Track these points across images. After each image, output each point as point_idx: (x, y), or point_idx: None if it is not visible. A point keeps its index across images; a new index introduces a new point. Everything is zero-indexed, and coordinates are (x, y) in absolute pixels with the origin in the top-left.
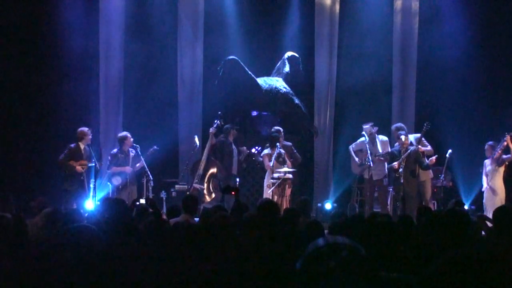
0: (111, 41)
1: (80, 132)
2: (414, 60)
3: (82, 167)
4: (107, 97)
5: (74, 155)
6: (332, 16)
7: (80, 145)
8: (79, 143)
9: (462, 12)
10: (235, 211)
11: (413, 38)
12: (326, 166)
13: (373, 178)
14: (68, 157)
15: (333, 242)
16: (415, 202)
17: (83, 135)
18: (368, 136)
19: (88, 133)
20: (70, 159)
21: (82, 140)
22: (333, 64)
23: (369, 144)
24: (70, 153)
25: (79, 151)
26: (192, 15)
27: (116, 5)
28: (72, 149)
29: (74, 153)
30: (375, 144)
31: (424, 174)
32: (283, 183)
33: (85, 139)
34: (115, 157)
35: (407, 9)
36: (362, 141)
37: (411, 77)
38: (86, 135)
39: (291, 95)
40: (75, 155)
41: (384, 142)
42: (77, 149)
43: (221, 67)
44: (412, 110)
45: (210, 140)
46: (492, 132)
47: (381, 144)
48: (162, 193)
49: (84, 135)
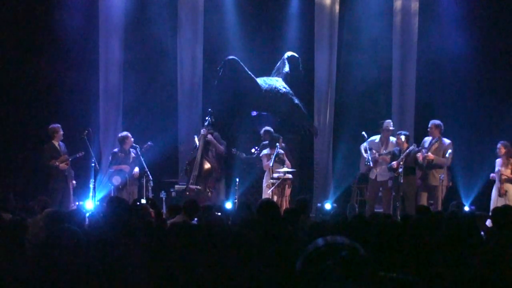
0: (111, 41)
1: (51, 129)
2: (414, 60)
3: (66, 163)
4: (107, 97)
5: (53, 153)
6: (332, 16)
7: (54, 143)
8: (52, 141)
9: (461, 12)
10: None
11: (413, 38)
12: (326, 166)
13: (377, 179)
14: (48, 157)
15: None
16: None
17: (54, 131)
18: (383, 133)
19: (59, 130)
20: (51, 158)
21: (55, 138)
22: (332, 64)
23: (379, 142)
24: (48, 152)
25: (55, 148)
26: (192, 15)
27: (116, 5)
28: (48, 148)
29: (51, 152)
30: (386, 144)
31: (435, 179)
32: (283, 183)
33: (57, 136)
34: (115, 156)
35: (407, 9)
36: (373, 139)
37: (411, 77)
38: (57, 132)
39: (291, 95)
40: (53, 153)
41: (395, 143)
42: (52, 147)
43: (221, 67)
44: (412, 110)
45: (202, 141)
46: (492, 132)
47: (392, 145)
48: (162, 193)
49: (55, 132)
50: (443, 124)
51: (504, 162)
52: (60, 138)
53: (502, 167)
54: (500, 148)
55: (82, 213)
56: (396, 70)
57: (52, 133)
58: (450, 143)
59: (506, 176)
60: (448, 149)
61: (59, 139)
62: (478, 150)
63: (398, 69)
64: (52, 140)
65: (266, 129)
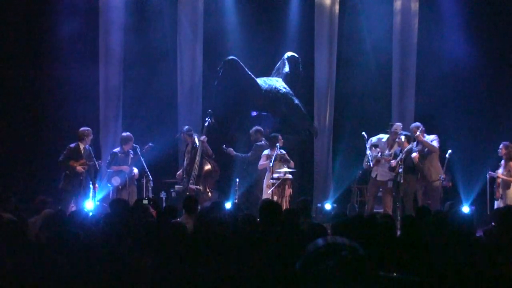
0: (111, 41)
1: (81, 132)
2: (414, 60)
3: (83, 167)
4: (107, 97)
5: (74, 155)
6: (332, 17)
7: (80, 145)
8: (79, 143)
9: (461, 13)
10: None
11: (412, 39)
12: (326, 167)
13: (377, 178)
14: (68, 157)
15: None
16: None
17: (84, 135)
18: (391, 135)
19: (90, 134)
20: (70, 159)
21: (83, 141)
22: (332, 64)
23: (386, 143)
24: (70, 153)
25: (79, 151)
26: (192, 15)
27: (116, 5)
28: (71, 149)
29: (73, 153)
30: (391, 146)
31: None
32: (283, 184)
33: (86, 139)
34: (115, 156)
35: (406, 9)
36: (381, 138)
37: (411, 78)
38: (87, 136)
39: (291, 95)
40: (75, 155)
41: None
42: (76, 149)
43: (220, 67)
44: (411, 110)
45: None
46: (492, 132)
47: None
48: (162, 193)
49: (85, 135)
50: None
51: (504, 164)
52: (88, 142)
53: (500, 169)
54: (501, 149)
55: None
56: (396, 70)
57: (81, 135)
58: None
59: (502, 178)
60: (433, 140)
61: (87, 143)
62: (478, 151)
63: (398, 70)
64: (79, 142)
65: (257, 128)
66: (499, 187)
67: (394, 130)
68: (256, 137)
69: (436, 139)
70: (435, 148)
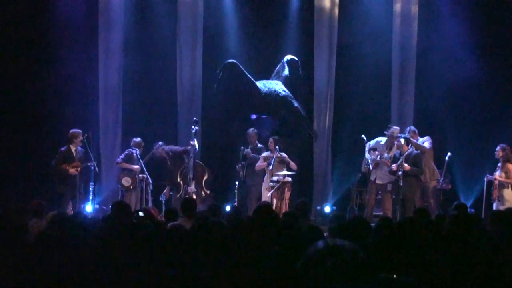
0: (111, 43)
1: (71, 134)
2: (413, 63)
3: (76, 169)
4: (107, 100)
5: (66, 158)
6: (332, 20)
7: (71, 148)
8: (70, 146)
9: (461, 16)
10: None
11: (412, 42)
12: (325, 169)
13: (376, 181)
14: (61, 161)
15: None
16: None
17: (73, 137)
18: (388, 138)
19: (79, 135)
20: (63, 162)
21: (73, 143)
22: (332, 67)
23: (384, 145)
24: (61, 157)
25: (70, 153)
26: (191, 19)
27: (116, 7)
28: (62, 152)
29: (65, 156)
30: (389, 148)
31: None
32: (282, 186)
33: (76, 141)
34: (131, 156)
35: (406, 13)
36: (379, 141)
37: (410, 81)
38: (77, 137)
39: (291, 98)
40: (67, 158)
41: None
42: (68, 152)
43: (220, 70)
44: (411, 113)
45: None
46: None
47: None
48: (162, 196)
49: (74, 137)
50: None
51: (500, 166)
52: (79, 144)
53: (497, 171)
54: (498, 151)
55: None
56: (396, 73)
57: (71, 138)
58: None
59: (499, 180)
60: (424, 141)
61: (77, 145)
62: (477, 153)
63: (398, 72)
64: (70, 144)
65: (253, 131)
66: (496, 188)
67: (391, 133)
68: (251, 141)
69: (428, 140)
70: (425, 148)
